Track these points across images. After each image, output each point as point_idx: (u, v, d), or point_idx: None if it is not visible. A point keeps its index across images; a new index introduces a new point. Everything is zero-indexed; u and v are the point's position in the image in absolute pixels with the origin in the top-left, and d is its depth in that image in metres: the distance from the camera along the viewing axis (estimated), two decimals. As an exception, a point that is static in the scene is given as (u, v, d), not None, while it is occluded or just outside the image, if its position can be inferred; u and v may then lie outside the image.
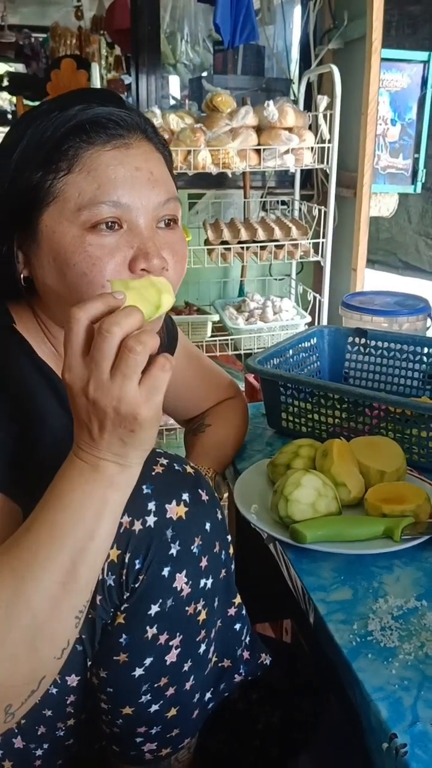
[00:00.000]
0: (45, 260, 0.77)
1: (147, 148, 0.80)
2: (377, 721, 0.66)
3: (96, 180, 0.75)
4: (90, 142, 0.76)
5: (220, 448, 1.15)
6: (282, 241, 2.18)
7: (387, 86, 2.34)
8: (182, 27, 3.52)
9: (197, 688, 0.79)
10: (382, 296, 1.68)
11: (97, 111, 0.77)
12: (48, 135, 0.75)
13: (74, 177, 0.75)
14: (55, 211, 0.75)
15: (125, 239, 0.76)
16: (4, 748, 0.76)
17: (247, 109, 2.12)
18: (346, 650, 0.75)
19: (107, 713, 0.77)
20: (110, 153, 0.76)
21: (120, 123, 0.77)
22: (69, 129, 0.75)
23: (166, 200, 0.79)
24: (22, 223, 0.78)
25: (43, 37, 6.33)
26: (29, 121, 0.77)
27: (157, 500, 0.73)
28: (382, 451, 1.05)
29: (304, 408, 1.20)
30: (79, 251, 0.74)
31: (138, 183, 0.77)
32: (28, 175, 0.76)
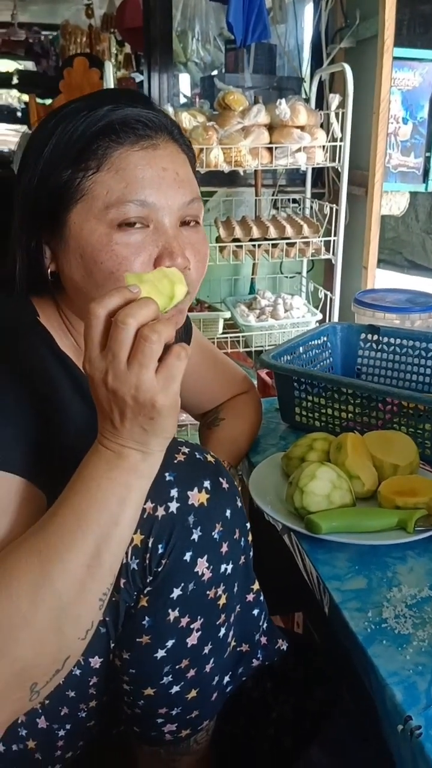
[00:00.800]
0: (72, 257, 0.79)
1: (173, 149, 0.82)
2: (392, 705, 0.68)
3: (124, 179, 0.77)
4: (119, 142, 0.78)
5: (234, 441, 1.16)
6: (293, 239, 2.19)
7: (399, 85, 2.35)
8: (193, 25, 3.54)
9: (216, 671, 0.81)
10: (394, 293, 1.69)
11: (126, 112, 0.78)
12: (78, 134, 0.78)
13: (103, 176, 0.77)
14: (84, 208, 0.78)
15: (151, 238, 0.78)
16: (29, 728, 0.78)
17: (259, 108, 2.14)
18: (361, 637, 0.76)
19: (129, 694, 0.79)
20: (139, 153, 0.78)
21: (148, 124, 0.79)
22: (99, 129, 0.77)
23: (191, 200, 0.82)
24: (50, 219, 0.80)
25: (53, 35, 6.36)
26: (59, 119, 0.79)
27: (179, 487, 0.75)
28: (396, 445, 1.07)
29: (318, 403, 1.21)
30: (107, 249, 0.76)
31: (165, 183, 0.79)
32: (58, 173, 0.78)
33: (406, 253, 2.87)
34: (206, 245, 0.86)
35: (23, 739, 0.77)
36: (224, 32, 3.25)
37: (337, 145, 2.23)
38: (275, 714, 1.03)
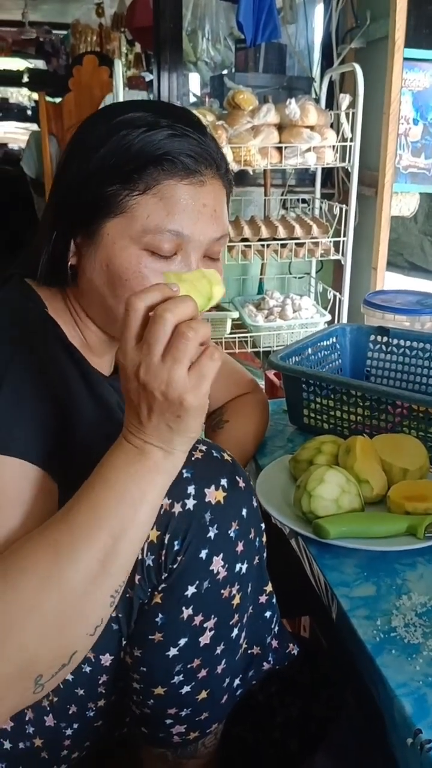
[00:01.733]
0: (98, 262, 0.82)
1: (217, 186, 0.84)
2: (401, 717, 0.66)
3: (166, 208, 0.79)
4: (171, 173, 0.80)
5: (240, 443, 1.15)
6: (302, 239, 2.18)
7: (409, 86, 2.33)
8: (203, 25, 3.53)
9: (228, 673, 0.80)
10: (404, 295, 1.67)
11: (183, 145, 0.80)
12: (133, 153, 0.79)
13: (147, 199, 0.79)
14: (121, 224, 0.80)
15: (175, 268, 0.82)
16: (36, 726, 0.78)
17: (268, 107, 2.13)
18: (369, 646, 0.75)
19: (139, 693, 0.78)
20: (186, 187, 0.80)
21: (200, 160, 0.81)
22: (155, 157, 0.79)
23: (220, 236, 0.85)
24: (84, 220, 0.82)
25: (63, 34, 6.38)
26: (116, 126, 0.80)
27: (196, 484, 0.74)
28: (405, 449, 1.05)
29: (327, 405, 1.20)
30: (134, 270, 0.80)
31: (202, 218, 0.82)
32: (105, 184, 0.80)
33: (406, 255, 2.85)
34: (221, 277, 0.91)
35: (30, 737, 0.77)
36: (234, 32, 3.24)
37: (347, 145, 2.22)
38: (281, 718, 1.02)
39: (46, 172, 3.03)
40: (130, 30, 4.23)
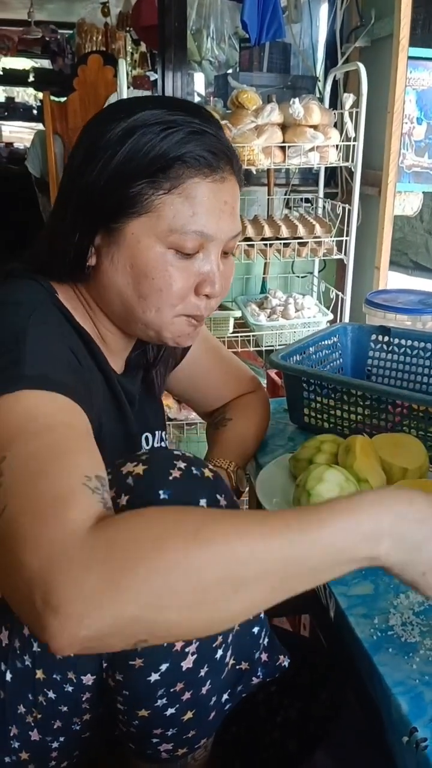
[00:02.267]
0: (121, 262, 0.84)
1: (234, 182, 0.87)
2: (398, 715, 0.67)
3: (192, 208, 0.82)
4: (195, 171, 0.82)
5: (242, 442, 1.15)
6: (305, 238, 2.18)
7: (413, 85, 2.33)
8: (208, 24, 3.52)
9: (214, 692, 0.77)
10: (406, 294, 1.67)
11: (206, 141, 0.82)
12: (157, 152, 0.80)
13: (172, 198, 0.81)
14: (147, 223, 0.82)
15: (198, 265, 0.85)
16: (21, 741, 0.77)
17: (272, 107, 2.12)
18: (367, 644, 0.75)
19: (123, 714, 0.76)
20: (210, 185, 0.83)
21: (220, 156, 0.83)
22: (180, 154, 0.80)
23: (237, 234, 0.88)
24: (108, 221, 0.83)
25: (69, 33, 6.38)
26: (134, 126, 0.81)
27: (174, 506, 0.70)
28: (405, 448, 1.05)
29: (327, 404, 1.20)
30: (161, 268, 0.83)
31: (224, 216, 0.85)
32: (129, 183, 0.81)
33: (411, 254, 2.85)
34: (233, 272, 0.94)
35: (16, 751, 0.76)
36: (239, 31, 3.23)
37: (350, 144, 2.21)
38: (280, 718, 1.02)
39: (51, 172, 3.03)
40: (135, 29, 4.23)
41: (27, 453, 0.64)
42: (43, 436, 0.66)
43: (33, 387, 0.69)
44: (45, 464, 0.63)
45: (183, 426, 2.33)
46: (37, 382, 0.69)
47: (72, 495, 0.61)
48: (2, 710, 0.76)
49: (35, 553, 0.56)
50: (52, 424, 0.67)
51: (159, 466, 0.73)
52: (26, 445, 0.65)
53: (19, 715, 0.77)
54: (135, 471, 0.72)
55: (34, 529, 0.58)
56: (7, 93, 7.83)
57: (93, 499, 0.62)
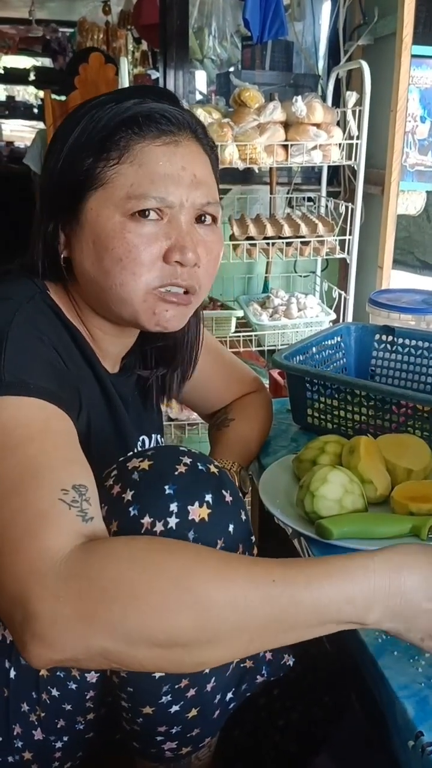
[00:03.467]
0: (85, 243, 0.82)
1: (195, 149, 0.84)
2: (403, 719, 0.66)
3: (148, 175, 0.80)
4: (142, 135, 0.80)
5: (244, 442, 1.14)
6: (308, 237, 2.17)
7: (417, 83, 2.31)
8: (210, 22, 3.51)
9: (218, 690, 0.77)
10: (410, 294, 1.66)
11: (151, 106, 0.81)
12: (102, 124, 0.80)
13: (125, 168, 0.80)
14: (102, 196, 0.80)
15: (164, 230, 0.81)
16: (24, 740, 0.77)
17: (275, 105, 2.11)
18: (371, 647, 0.74)
19: (127, 711, 0.76)
20: (160, 148, 0.80)
21: (172, 120, 0.82)
22: (123, 120, 0.80)
23: (206, 203, 0.84)
24: (68, 204, 0.82)
25: (70, 32, 6.37)
26: (87, 109, 0.82)
27: (179, 501, 0.71)
28: (410, 449, 1.04)
29: (330, 404, 1.19)
30: (119, 237, 0.79)
31: (183, 182, 0.81)
32: (80, 160, 0.80)
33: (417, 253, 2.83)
34: (220, 245, 0.89)
35: (19, 750, 0.76)
36: (241, 29, 3.22)
37: (353, 143, 2.20)
38: (282, 721, 1.01)
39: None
40: (136, 27, 4.22)
41: (2, 470, 0.65)
42: (18, 451, 0.66)
43: (11, 393, 0.69)
44: (20, 482, 0.64)
45: (184, 426, 2.32)
46: (15, 388, 0.69)
47: (46, 516, 0.62)
48: (5, 708, 0.76)
49: (13, 580, 0.59)
50: (30, 435, 0.67)
51: (165, 461, 0.73)
52: (2, 462, 0.65)
53: (23, 713, 0.76)
54: (141, 466, 0.72)
55: (11, 555, 0.60)
56: (7, 92, 7.82)
57: (69, 516, 0.63)
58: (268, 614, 0.61)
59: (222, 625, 0.60)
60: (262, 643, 0.63)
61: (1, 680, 0.76)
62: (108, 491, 0.72)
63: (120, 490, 0.71)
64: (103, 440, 0.90)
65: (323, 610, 0.62)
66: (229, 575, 0.61)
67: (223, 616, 0.59)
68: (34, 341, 0.75)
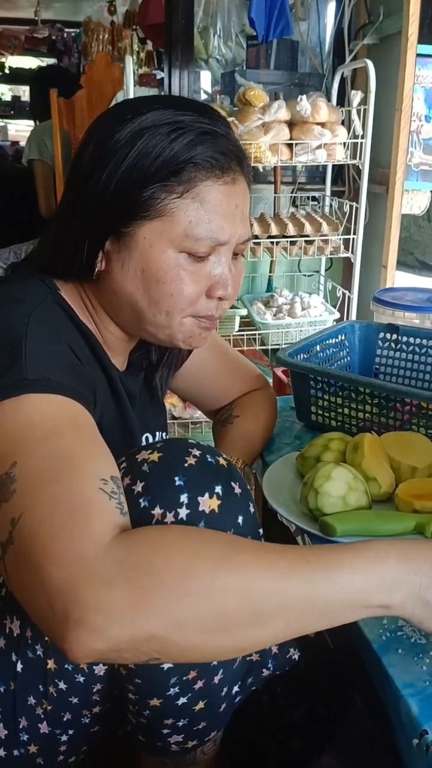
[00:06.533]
0: (132, 267, 0.82)
1: (244, 184, 0.86)
2: (408, 717, 0.65)
3: (207, 213, 0.81)
4: (207, 174, 0.80)
5: (248, 439, 1.14)
6: (312, 236, 2.17)
7: (422, 82, 2.31)
8: (215, 22, 3.51)
9: (225, 682, 0.78)
10: (414, 292, 1.66)
11: (217, 142, 0.81)
12: (167, 155, 0.79)
13: (186, 203, 0.80)
14: (159, 227, 0.80)
15: (209, 268, 0.84)
16: (30, 733, 0.77)
17: (279, 104, 2.11)
18: (376, 645, 0.74)
19: (134, 704, 0.76)
20: (222, 188, 0.82)
21: (232, 158, 0.83)
22: (191, 157, 0.79)
23: (247, 239, 0.88)
24: (119, 225, 0.81)
25: (75, 32, 6.38)
26: (139, 129, 0.79)
27: (189, 492, 0.71)
28: (414, 447, 1.04)
29: (334, 402, 1.19)
30: (173, 272, 0.81)
31: (235, 220, 0.84)
32: (140, 187, 0.79)
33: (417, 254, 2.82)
34: (243, 273, 0.93)
35: (25, 744, 0.76)
36: (246, 28, 3.22)
37: (358, 142, 2.20)
38: (285, 719, 1.01)
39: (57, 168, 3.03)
40: (141, 27, 4.22)
41: (38, 459, 0.64)
42: (51, 441, 0.65)
43: (36, 391, 0.68)
44: (58, 471, 0.63)
45: (188, 425, 2.32)
46: (40, 386, 0.69)
47: (90, 504, 0.61)
48: (12, 701, 0.76)
49: (58, 567, 0.57)
50: (59, 428, 0.67)
51: (174, 453, 0.74)
52: (36, 451, 0.64)
53: (29, 706, 0.76)
54: (150, 458, 0.73)
55: (55, 542, 0.59)
56: (13, 92, 7.82)
57: (110, 505, 0.63)
58: (306, 596, 0.61)
59: (265, 608, 0.60)
60: (299, 625, 0.63)
61: (8, 673, 0.76)
62: None
63: (130, 482, 0.72)
64: (110, 437, 0.90)
65: (357, 593, 0.63)
66: (267, 558, 0.62)
67: (266, 597, 0.60)
68: (51, 341, 0.75)
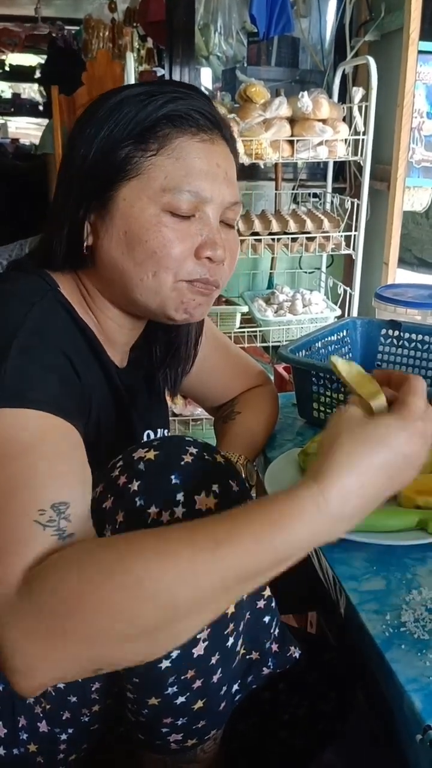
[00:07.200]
0: (115, 232, 0.82)
1: (226, 149, 0.86)
2: (411, 713, 0.65)
3: (183, 167, 0.80)
4: (182, 131, 0.81)
5: (250, 435, 1.14)
6: (313, 233, 2.16)
7: (423, 79, 2.31)
8: (216, 19, 3.50)
9: (225, 681, 0.77)
10: (416, 289, 1.66)
11: (191, 103, 0.82)
12: (143, 115, 0.80)
13: (162, 160, 0.80)
14: (138, 186, 0.80)
15: (196, 227, 0.82)
16: (29, 732, 0.76)
17: (280, 100, 2.11)
18: (379, 641, 0.73)
19: (133, 702, 0.75)
20: (198, 144, 0.81)
21: (209, 118, 0.83)
22: (164, 113, 0.80)
23: (234, 203, 0.86)
24: (99, 193, 0.82)
25: (76, 29, 6.37)
26: (118, 101, 0.81)
27: (185, 491, 0.71)
28: (416, 442, 1.03)
29: (336, 398, 1.18)
30: (154, 230, 0.80)
31: (217, 179, 0.83)
32: (117, 149, 0.80)
33: (415, 251, 2.81)
34: (238, 246, 0.91)
35: (24, 743, 0.75)
36: (247, 25, 3.22)
37: (359, 138, 2.20)
38: (288, 716, 1.01)
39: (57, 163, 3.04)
40: (142, 25, 4.22)
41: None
42: (6, 467, 0.65)
43: (10, 405, 0.68)
44: (1, 500, 0.64)
45: (189, 422, 2.31)
46: (15, 399, 0.68)
47: (18, 539, 0.62)
48: (11, 701, 0.75)
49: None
50: (21, 449, 0.66)
51: (171, 451, 0.73)
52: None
53: (28, 705, 0.76)
54: (147, 456, 0.72)
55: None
56: (13, 89, 7.82)
57: (43, 537, 0.62)
58: (221, 578, 0.60)
59: (180, 602, 0.59)
60: (226, 601, 0.64)
61: None
62: (114, 481, 0.72)
63: (126, 481, 0.71)
64: (111, 436, 0.90)
65: (278, 557, 0.62)
66: (170, 552, 0.59)
67: (175, 593, 0.58)
68: (40, 348, 0.74)
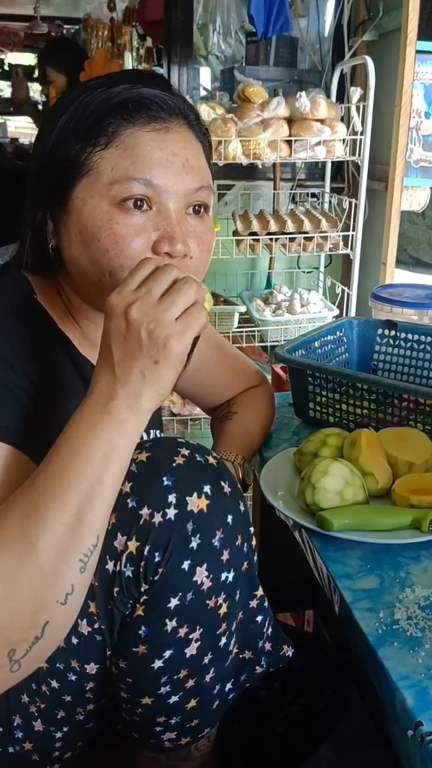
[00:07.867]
0: (72, 231, 0.80)
1: (186, 135, 0.82)
2: (403, 709, 0.66)
3: (131, 157, 0.77)
4: (131, 122, 0.78)
5: (247, 435, 1.14)
6: (311, 233, 2.17)
7: (421, 78, 2.31)
8: (215, 18, 3.50)
9: (217, 680, 0.78)
10: (412, 289, 1.66)
11: (141, 91, 0.79)
12: (91, 109, 0.78)
13: (110, 152, 0.77)
14: (88, 183, 0.78)
15: (152, 221, 0.78)
16: (25, 731, 0.77)
17: (279, 100, 2.11)
18: (371, 638, 0.74)
19: (127, 702, 0.76)
20: (149, 134, 0.78)
21: (163, 106, 0.79)
22: (112, 106, 0.78)
23: (199, 188, 0.81)
24: (56, 192, 0.80)
25: (74, 28, 6.37)
26: (75, 96, 0.80)
27: (177, 492, 0.71)
28: (411, 442, 1.04)
29: (332, 398, 1.19)
30: (105, 227, 0.77)
31: (172, 167, 0.79)
32: (68, 146, 0.79)
33: (411, 250, 2.81)
34: (212, 235, 0.86)
35: (19, 741, 0.76)
36: (245, 25, 3.22)
37: (357, 138, 2.20)
38: (283, 714, 1.01)
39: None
40: (141, 24, 4.21)
41: None
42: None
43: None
44: None
45: (187, 422, 2.32)
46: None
47: None
48: (6, 700, 0.76)
49: None
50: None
51: (162, 453, 0.73)
52: None
53: (23, 704, 0.76)
54: (138, 458, 0.73)
55: None
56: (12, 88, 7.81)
57: None
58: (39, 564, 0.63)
59: (21, 603, 0.63)
60: None
61: None
62: None
63: None
64: None
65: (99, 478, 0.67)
66: None
67: None
68: (10, 377, 0.74)
